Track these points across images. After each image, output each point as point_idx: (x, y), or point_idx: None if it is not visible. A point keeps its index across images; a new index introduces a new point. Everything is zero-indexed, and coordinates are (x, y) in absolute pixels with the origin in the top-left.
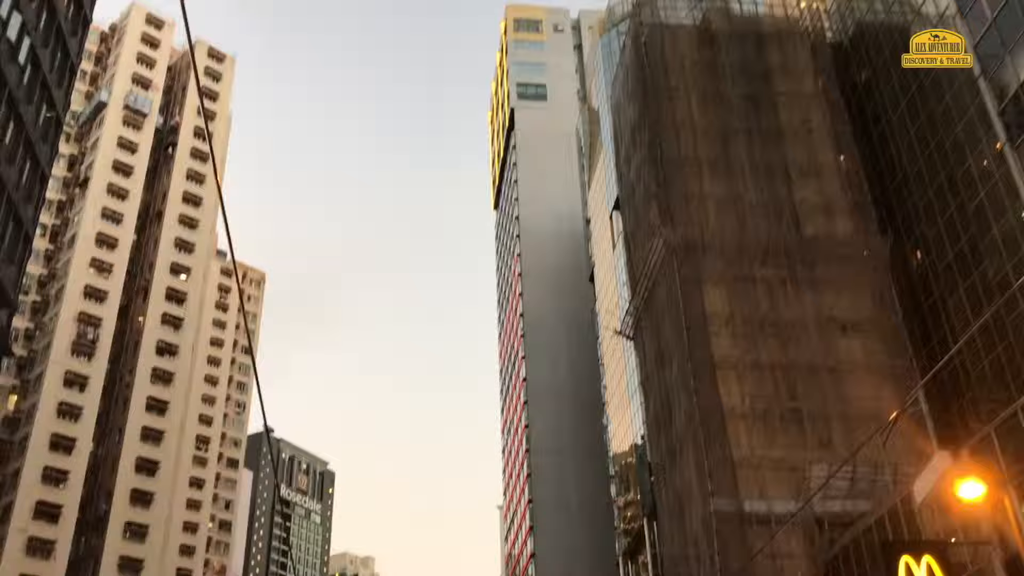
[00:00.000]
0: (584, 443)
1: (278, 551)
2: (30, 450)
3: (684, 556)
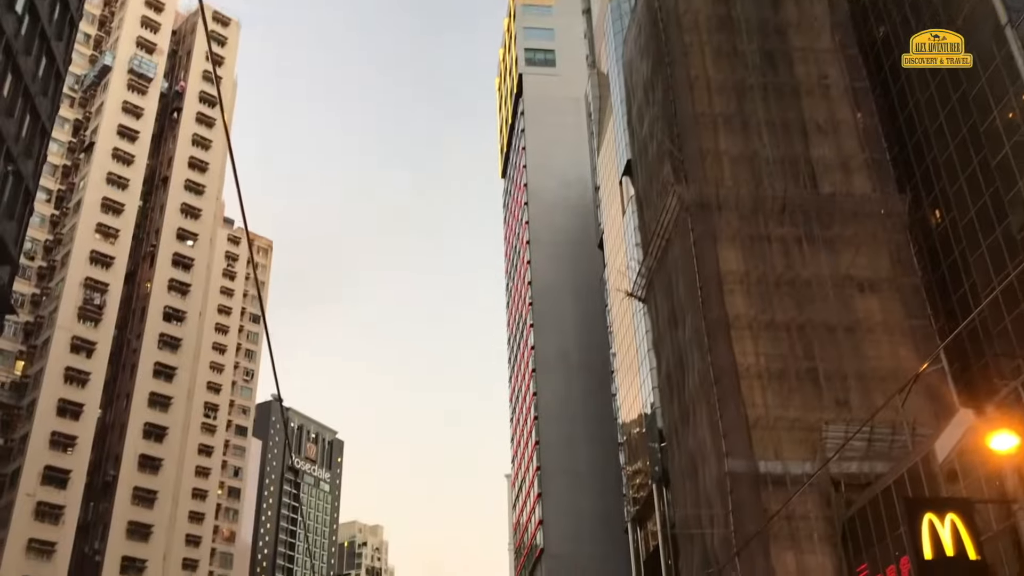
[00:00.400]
0: (592, 410)
1: (287, 519)
2: (37, 415)
3: (697, 517)
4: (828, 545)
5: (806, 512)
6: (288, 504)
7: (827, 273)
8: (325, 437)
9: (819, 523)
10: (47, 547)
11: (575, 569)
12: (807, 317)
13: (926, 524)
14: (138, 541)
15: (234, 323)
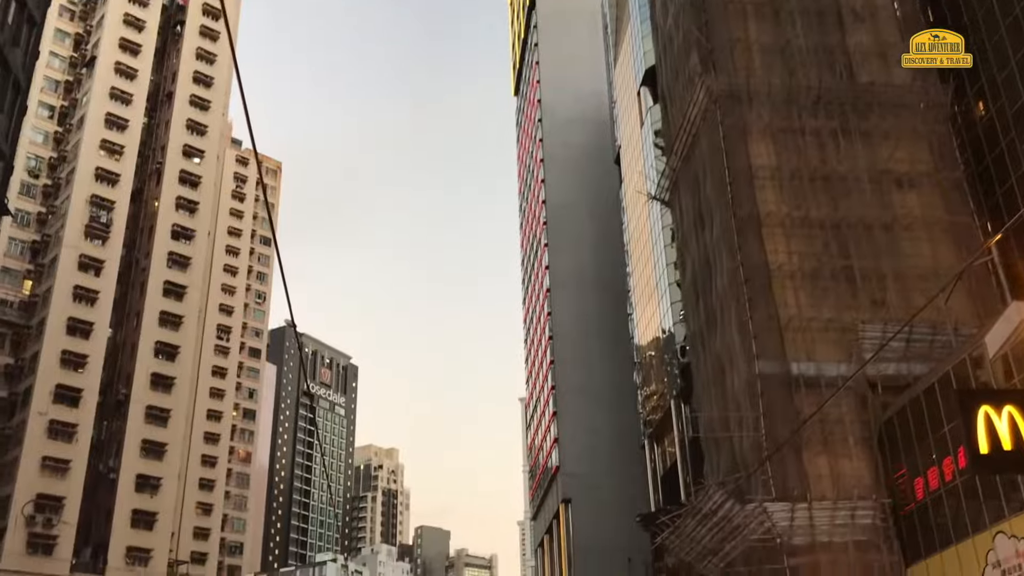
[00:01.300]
0: (608, 329)
1: (303, 442)
2: (47, 334)
3: (725, 421)
4: (863, 449)
5: (840, 415)
6: (304, 428)
7: (864, 168)
8: (339, 362)
9: (854, 426)
10: (61, 465)
11: (591, 487)
12: (842, 214)
13: (982, 417)
14: (152, 459)
15: (244, 245)
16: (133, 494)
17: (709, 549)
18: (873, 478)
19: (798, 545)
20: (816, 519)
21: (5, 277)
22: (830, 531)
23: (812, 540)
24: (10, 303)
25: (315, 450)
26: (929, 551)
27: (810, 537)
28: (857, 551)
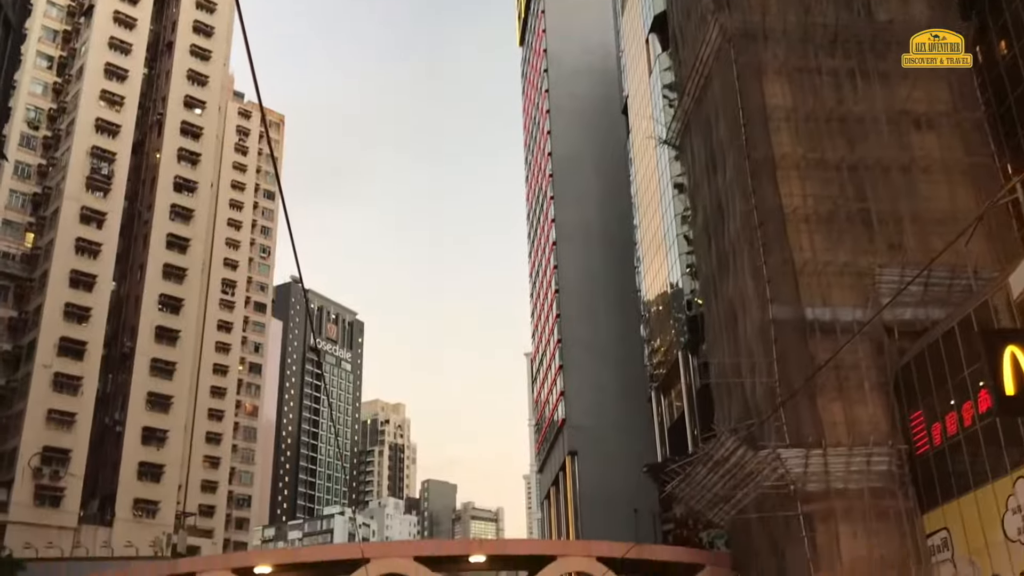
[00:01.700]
0: (614, 283)
1: (310, 397)
2: (50, 287)
3: (737, 367)
4: (879, 395)
5: (856, 361)
6: (310, 383)
7: (881, 108)
8: (345, 318)
9: (870, 372)
10: (67, 417)
11: (597, 440)
12: (859, 156)
13: (1008, 358)
14: (158, 412)
15: (248, 199)
16: (139, 447)
17: (720, 497)
18: (889, 424)
19: (812, 492)
20: (831, 465)
21: (7, 230)
22: (845, 478)
23: (826, 487)
24: (12, 256)
25: (322, 404)
26: (946, 497)
27: (824, 484)
28: (872, 497)
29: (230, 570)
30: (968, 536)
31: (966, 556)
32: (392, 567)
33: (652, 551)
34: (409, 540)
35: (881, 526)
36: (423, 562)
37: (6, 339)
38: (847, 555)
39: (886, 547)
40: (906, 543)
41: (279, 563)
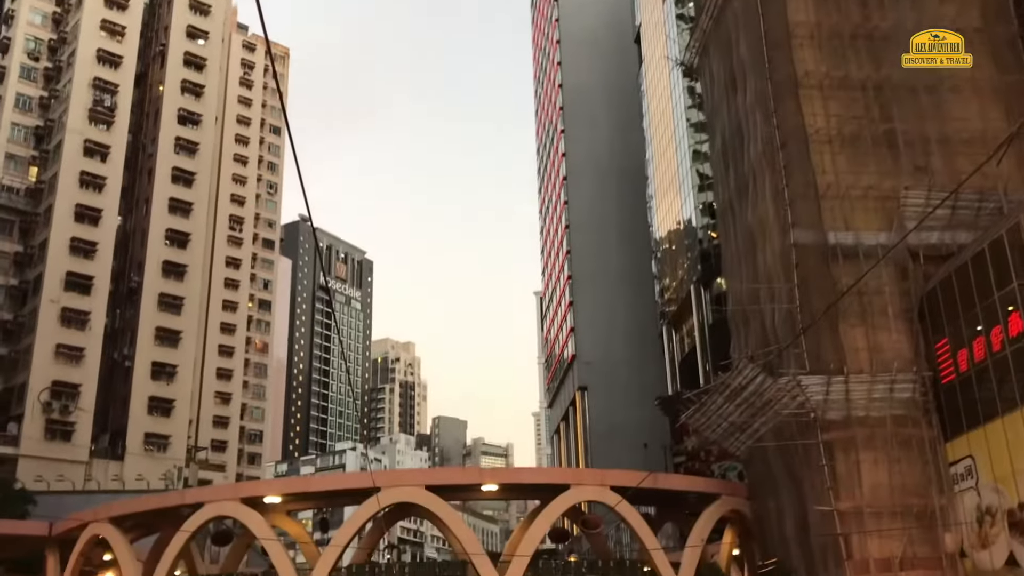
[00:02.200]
0: (626, 217)
1: (320, 335)
2: (55, 221)
3: (755, 294)
4: (903, 321)
5: (879, 287)
6: (320, 322)
7: (909, 25)
8: (354, 257)
9: (894, 298)
10: (76, 352)
11: (607, 375)
12: (885, 74)
13: None
14: (167, 347)
15: (254, 134)
16: (149, 381)
17: (737, 426)
18: (912, 351)
19: (833, 420)
20: (852, 393)
21: (10, 164)
22: (867, 405)
23: (848, 414)
24: (16, 190)
25: (333, 343)
26: (971, 424)
27: (845, 411)
28: (895, 425)
29: (239, 500)
30: (994, 464)
31: (991, 484)
32: (403, 496)
33: (667, 480)
34: (420, 469)
35: (903, 454)
36: (434, 491)
37: (12, 274)
38: (868, 483)
39: (908, 475)
40: (928, 471)
41: (289, 492)
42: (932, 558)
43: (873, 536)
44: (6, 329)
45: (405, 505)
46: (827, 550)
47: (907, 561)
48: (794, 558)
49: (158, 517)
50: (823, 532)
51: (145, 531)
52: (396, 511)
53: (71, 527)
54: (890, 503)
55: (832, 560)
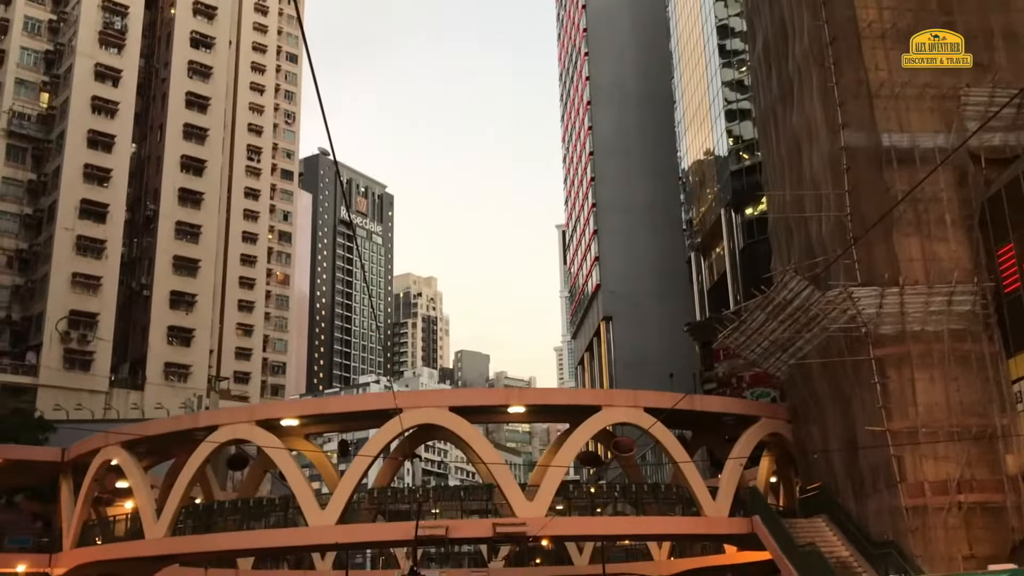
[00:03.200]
0: (652, 143)
1: (342, 270)
2: (67, 148)
3: (799, 202)
4: (961, 229)
5: (936, 192)
6: (342, 256)
7: None
8: (375, 191)
9: (952, 204)
10: (92, 281)
11: (632, 304)
12: None
13: None
14: (185, 276)
15: (270, 62)
16: (167, 311)
17: (779, 344)
18: (972, 261)
19: (886, 335)
20: (907, 306)
21: (20, 89)
22: (923, 319)
23: (902, 329)
24: (28, 116)
25: (355, 277)
26: None
27: (900, 326)
28: (952, 340)
29: (254, 422)
30: None
31: None
32: (426, 418)
33: (704, 402)
34: (444, 389)
35: (961, 371)
36: (458, 412)
37: (27, 202)
38: (923, 402)
39: (966, 393)
40: (989, 389)
41: (306, 414)
42: (992, 481)
43: (928, 458)
44: (22, 258)
45: (429, 429)
46: (877, 473)
47: (965, 484)
48: (839, 483)
49: (172, 442)
50: (874, 454)
51: (160, 457)
52: (419, 434)
53: (84, 452)
54: (947, 423)
55: (883, 483)
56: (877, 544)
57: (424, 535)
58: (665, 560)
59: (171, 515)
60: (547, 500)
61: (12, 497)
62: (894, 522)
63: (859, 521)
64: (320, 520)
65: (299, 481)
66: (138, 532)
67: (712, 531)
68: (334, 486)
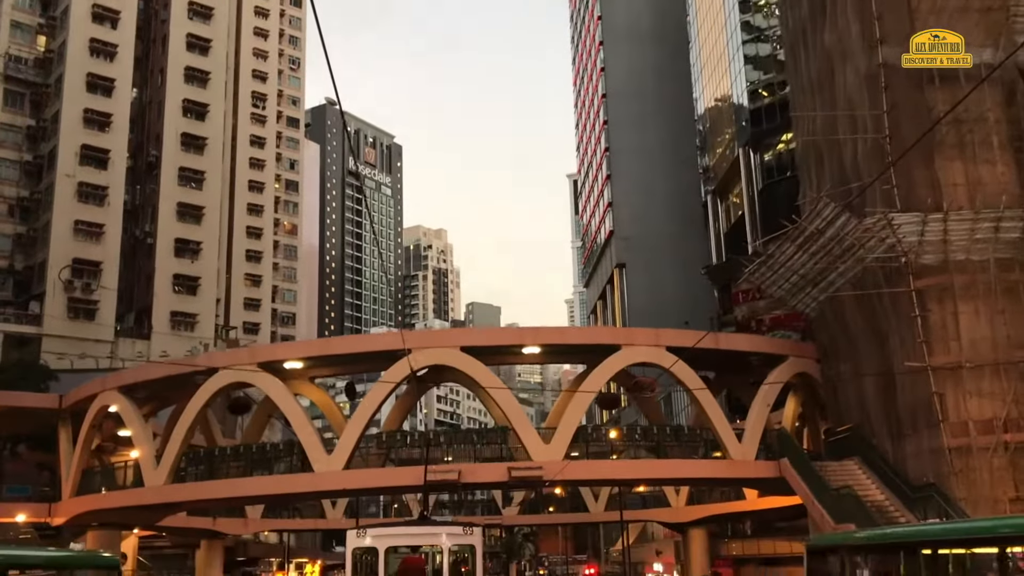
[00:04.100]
0: (666, 85)
1: (352, 222)
2: (66, 92)
3: (830, 122)
4: (1008, 151)
5: (982, 113)
6: (351, 208)
7: None
8: (383, 141)
9: (999, 125)
10: (95, 229)
11: (646, 250)
12: None
13: None
14: (190, 223)
15: (273, 6)
16: (172, 258)
17: (809, 279)
18: (1020, 186)
19: (927, 265)
20: (951, 233)
21: (16, 32)
22: (967, 247)
23: (945, 258)
24: (24, 60)
25: (364, 228)
26: None
27: (942, 255)
28: (999, 270)
29: (256, 364)
30: None
31: None
32: (436, 358)
33: (728, 340)
34: (455, 328)
35: (1008, 303)
36: (471, 353)
37: (26, 149)
38: (966, 336)
39: (1013, 327)
40: None
41: (310, 355)
42: None
43: (972, 395)
44: (23, 206)
45: (440, 371)
46: (917, 412)
47: (1011, 423)
48: (874, 423)
49: (172, 387)
50: (913, 393)
51: (161, 403)
52: (430, 377)
53: (81, 398)
54: (992, 358)
55: (923, 423)
56: (916, 487)
57: (435, 480)
58: (683, 507)
59: (171, 462)
60: (564, 443)
61: (15, 446)
62: (935, 464)
63: (896, 463)
64: (326, 466)
65: (304, 425)
66: (141, 481)
67: (738, 475)
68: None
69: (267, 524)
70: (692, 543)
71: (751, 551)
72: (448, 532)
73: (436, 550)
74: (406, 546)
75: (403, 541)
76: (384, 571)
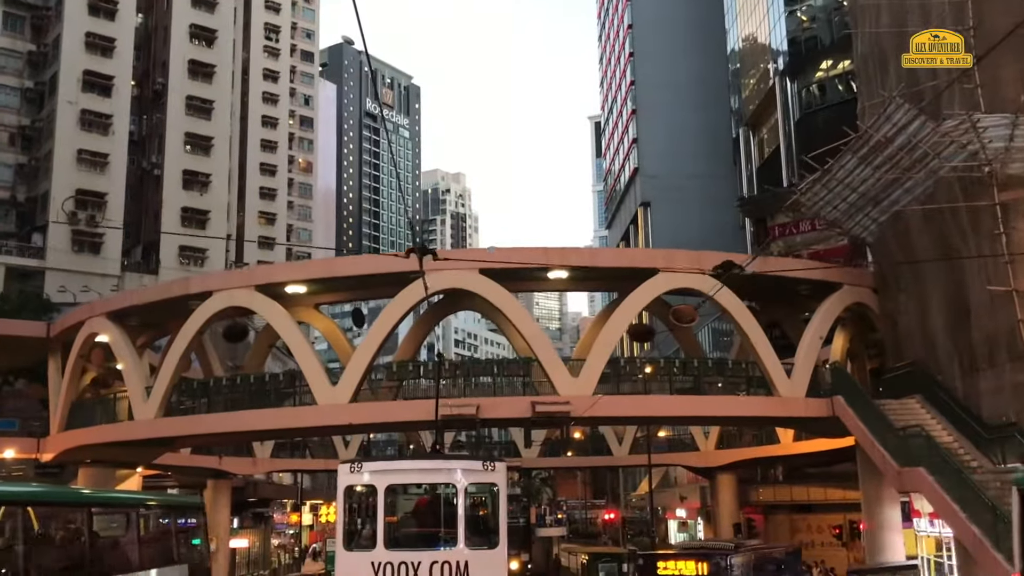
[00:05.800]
0: (695, 15)
1: (369, 164)
2: (67, 14)
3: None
4: None
5: None
6: (368, 150)
7: None
8: (400, 82)
9: None
10: (99, 159)
11: (672, 188)
12: None
13: None
14: (199, 155)
15: None
16: (180, 191)
17: (869, 197)
18: None
19: (1015, 175)
20: None
21: None
22: None
23: None
24: None
25: (382, 171)
26: None
27: None
28: None
29: (253, 287)
30: None
31: None
32: (452, 281)
33: (779, 264)
34: (474, 248)
35: None
36: (491, 276)
37: (27, 75)
38: None
39: None
40: None
41: (312, 278)
42: None
43: None
44: (25, 135)
45: (457, 298)
46: (997, 343)
47: None
48: (941, 358)
49: (166, 314)
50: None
51: (156, 332)
52: (446, 304)
53: (70, 325)
54: None
55: (1005, 355)
56: (992, 427)
57: (450, 415)
58: (712, 451)
59: (161, 394)
60: (594, 377)
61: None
62: (1018, 400)
63: (966, 401)
64: (331, 398)
65: (306, 354)
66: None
67: (788, 413)
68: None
69: (276, 464)
70: (721, 489)
71: (783, 497)
72: (464, 468)
73: (450, 490)
74: (412, 484)
75: (408, 479)
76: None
